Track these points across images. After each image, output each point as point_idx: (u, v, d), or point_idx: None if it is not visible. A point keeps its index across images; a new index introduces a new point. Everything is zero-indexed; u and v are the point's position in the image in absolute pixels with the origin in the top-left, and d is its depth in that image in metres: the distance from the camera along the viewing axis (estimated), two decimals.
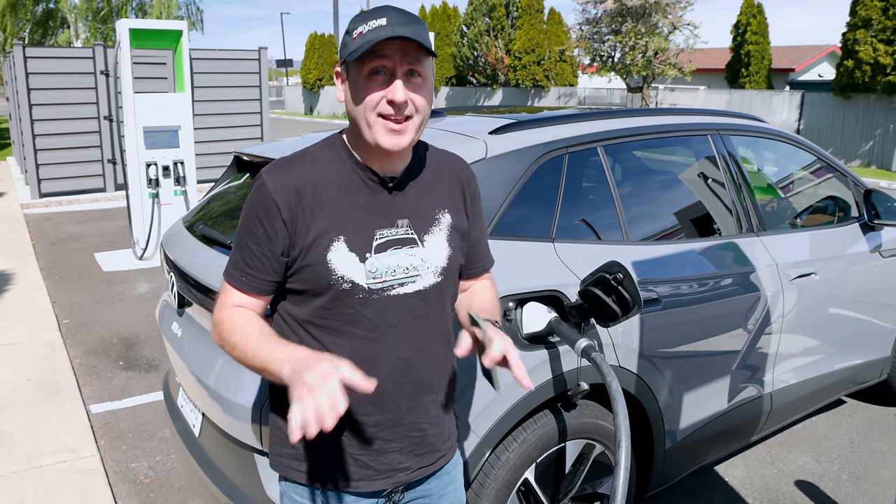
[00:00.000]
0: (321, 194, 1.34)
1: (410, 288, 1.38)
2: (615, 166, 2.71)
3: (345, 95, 1.36)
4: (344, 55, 1.32)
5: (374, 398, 1.38)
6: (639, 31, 19.92)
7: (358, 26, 1.31)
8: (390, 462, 1.44)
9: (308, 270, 1.33)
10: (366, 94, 1.30)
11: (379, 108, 1.30)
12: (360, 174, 1.37)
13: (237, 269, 1.38)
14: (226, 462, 2.14)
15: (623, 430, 1.74)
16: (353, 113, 1.34)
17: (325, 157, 1.38)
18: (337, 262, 1.33)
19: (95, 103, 10.69)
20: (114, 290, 6.16)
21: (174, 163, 6.96)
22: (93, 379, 4.29)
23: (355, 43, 1.29)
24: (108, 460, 3.36)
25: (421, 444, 1.48)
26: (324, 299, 1.35)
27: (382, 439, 1.42)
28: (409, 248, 1.38)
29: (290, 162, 1.37)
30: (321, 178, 1.35)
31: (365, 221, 1.35)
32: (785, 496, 3.10)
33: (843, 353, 3.38)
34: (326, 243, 1.33)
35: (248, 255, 1.35)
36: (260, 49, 11.81)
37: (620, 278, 1.96)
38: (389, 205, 1.38)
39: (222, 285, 1.41)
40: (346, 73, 1.35)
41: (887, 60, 15.91)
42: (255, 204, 1.34)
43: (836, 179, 3.56)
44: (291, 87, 44.88)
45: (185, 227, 2.64)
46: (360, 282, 1.34)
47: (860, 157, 17.54)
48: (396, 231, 1.37)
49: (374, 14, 1.30)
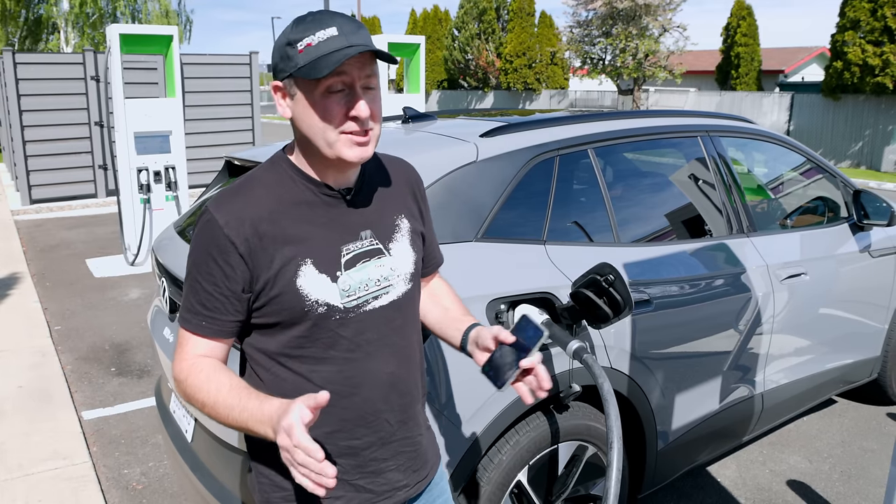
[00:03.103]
0: (278, 219, 1.25)
1: (385, 300, 1.34)
2: (606, 168, 2.72)
3: (292, 112, 1.26)
4: (288, 69, 1.21)
5: (363, 419, 1.34)
6: (629, 34, 20.00)
7: (302, 37, 1.20)
8: (388, 482, 1.40)
9: (277, 301, 1.25)
10: (325, 112, 1.22)
11: (343, 126, 1.23)
12: (313, 191, 1.30)
13: (194, 313, 1.27)
14: (218, 467, 2.14)
15: (615, 432, 1.75)
16: (306, 131, 1.25)
17: (273, 180, 1.30)
18: (308, 287, 1.26)
19: (86, 109, 10.65)
20: (105, 296, 6.13)
21: (165, 168, 6.94)
22: (84, 385, 4.27)
23: (304, 56, 1.19)
24: (100, 467, 3.34)
25: (416, 459, 1.45)
26: (300, 328, 1.28)
27: (377, 459, 1.38)
28: (377, 259, 1.33)
29: (237, 191, 1.28)
30: (275, 203, 1.27)
31: (329, 239, 1.29)
32: (777, 496, 3.12)
33: (834, 352, 3.40)
34: (294, 269, 1.25)
35: (206, 298, 1.26)
36: (251, 53, 11.80)
37: (611, 280, 1.96)
38: (349, 217, 1.32)
39: (179, 333, 1.30)
40: (291, 87, 1.24)
41: (876, 62, 16.04)
42: (205, 242, 1.24)
43: (825, 180, 3.59)
44: None
45: (177, 233, 2.64)
46: (335, 302, 1.28)
47: (850, 157, 17.66)
48: (362, 243, 1.32)
49: (319, 23, 1.21)
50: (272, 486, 1.36)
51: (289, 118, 1.28)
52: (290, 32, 1.23)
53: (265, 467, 1.36)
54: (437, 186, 2.13)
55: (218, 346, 1.31)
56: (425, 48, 9.87)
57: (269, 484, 1.36)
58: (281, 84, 1.25)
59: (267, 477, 1.36)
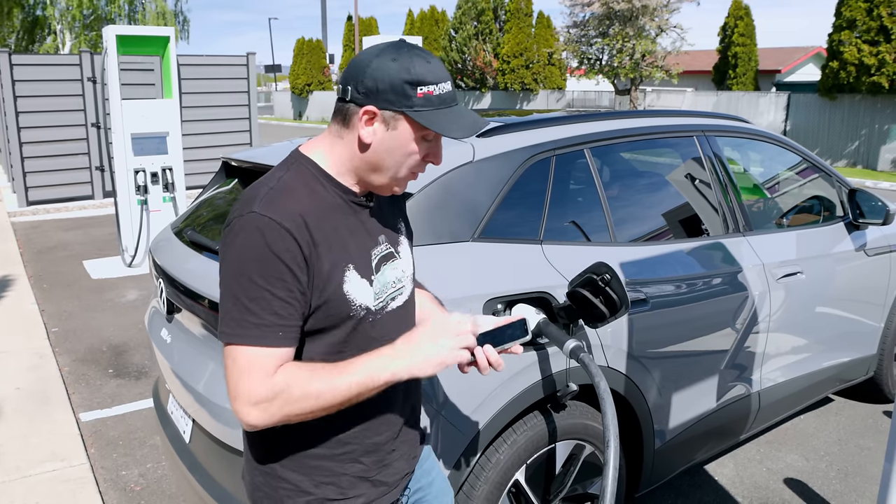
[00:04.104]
0: (322, 224, 1.25)
1: (400, 300, 1.40)
2: (602, 168, 2.73)
3: (375, 140, 1.25)
4: (400, 104, 1.22)
5: (386, 416, 1.39)
6: (626, 34, 20.02)
7: (423, 80, 1.23)
8: (398, 471, 1.45)
9: (325, 308, 1.25)
10: (412, 153, 1.27)
11: (417, 168, 1.30)
12: (342, 197, 1.31)
13: (266, 326, 1.19)
14: (216, 468, 2.14)
15: (612, 430, 1.76)
16: (381, 159, 1.27)
17: (304, 183, 1.28)
18: (354, 293, 1.27)
19: (83, 110, 10.64)
20: (103, 297, 6.13)
21: (162, 169, 6.94)
22: (82, 387, 4.27)
23: (423, 101, 1.23)
24: (98, 468, 3.34)
25: (414, 445, 1.51)
26: (339, 333, 1.28)
27: (390, 451, 1.43)
28: (392, 262, 1.38)
29: (280, 194, 1.24)
30: (315, 206, 1.26)
31: (362, 244, 1.32)
32: (774, 494, 3.13)
33: (830, 351, 3.42)
34: (340, 275, 1.26)
35: (279, 306, 1.18)
36: (248, 54, 11.80)
37: (608, 279, 1.97)
38: (370, 223, 1.36)
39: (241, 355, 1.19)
40: (394, 120, 1.24)
41: (872, 61, 16.08)
42: (267, 244, 1.17)
43: (821, 179, 3.60)
44: (280, 92, 44.79)
45: (174, 234, 2.64)
46: (371, 305, 1.31)
47: (846, 157, 17.69)
48: (381, 248, 1.36)
49: (436, 72, 1.25)
50: (296, 491, 1.34)
51: (368, 143, 1.26)
52: (405, 68, 1.22)
53: (291, 472, 1.34)
54: (433, 186, 2.13)
55: (290, 356, 1.24)
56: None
57: (293, 490, 1.35)
58: (378, 112, 1.24)
59: (289, 482, 1.34)
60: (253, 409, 1.19)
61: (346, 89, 1.26)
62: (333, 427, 1.32)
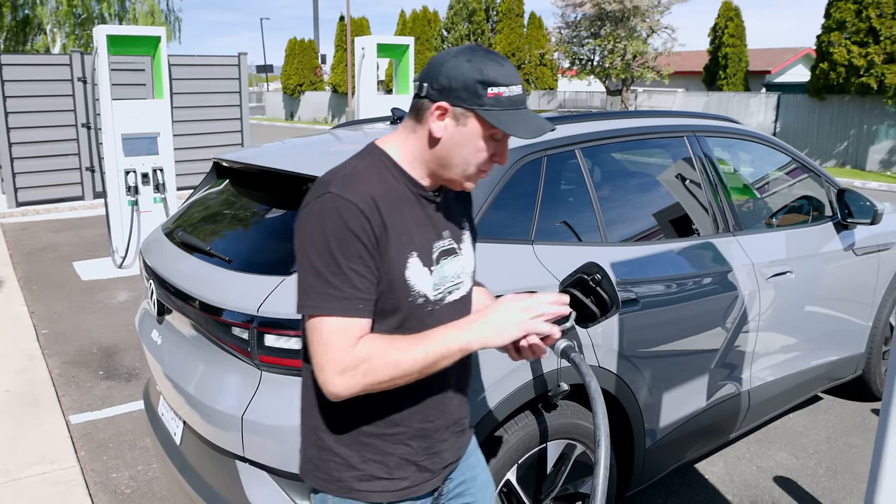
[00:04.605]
0: (390, 210, 1.32)
1: (457, 295, 1.46)
2: (593, 168, 2.74)
3: (445, 135, 1.33)
4: (470, 102, 1.29)
5: (437, 403, 1.45)
6: (617, 35, 20.09)
7: (495, 81, 1.29)
8: (443, 461, 1.51)
9: (389, 289, 1.32)
10: (480, 151, 1.33)
11: (484, 165, 1.36)
12: (411, 189, 1.38)
13: (347, 299, 1.26)
14: (207, 470, 2.14)
15: (602, 430, 1.76)
16: (451, 155, 1.34)
17: (377, 172, 1.35)
18: (414, 279, 1.34)
19: (73, 110, 10.58)
20: (93, 299, 6.10)
21: (153, 170, 6.91)
22: (72, 389, 4.24)
23: (493, 101, 1.29)
24: (88, 471, 3.33)
25: (461, 436, 1.57)
26: (396, 318, 1.34)
27: (440, 440, 1.48)
28: (453, 258, 1.45)
29: (354, 178, 1.31)
30: (386, 194, 1.32)
31: (425, 235, 1.38)
32: (764, 492, 3.14)
33: (819, 350, 3.44)
34: (403, 261, 1.33)
35: (358, 280, 1.26)
36: (240, 54, 11.76)
37: (598, 279, 1.97)
38: (435, 218, 1.42)
39: (323, 326, 1.27)
40: (464, 117, 1.31)
41: (861, 62, 16.20)
42: (343, 223, 1.25)
43: (810, 179, 3.62)
44: (272, 92, 44.65)
45: (165, 235, 2.63)
46: (430, 295, 1.38)
47: (835, 157, 17.81)
48: (444, 242, 1.43)
49: (508, 74, 1.31)
50: (345, 465, 1.41)
51: (438, 137, 1.33)
52: (479, 68, 1.29)
53: (341, 447, 1.41)
54: None
55: (369, 328, 1.31)
56: (414, 49, 9.87)
57: (342, 464, 1.41)
58: (450, 108, 1.31)
59: (340, 456, 1.41)
60: (339, 378, 1.26)
61: (423, 86, 1.33)
62: (387, 408, 1.39)
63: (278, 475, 1.94)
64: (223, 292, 2.04)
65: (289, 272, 1.96)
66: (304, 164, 2.30)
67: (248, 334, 1.93)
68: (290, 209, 2.29)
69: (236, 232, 2.38)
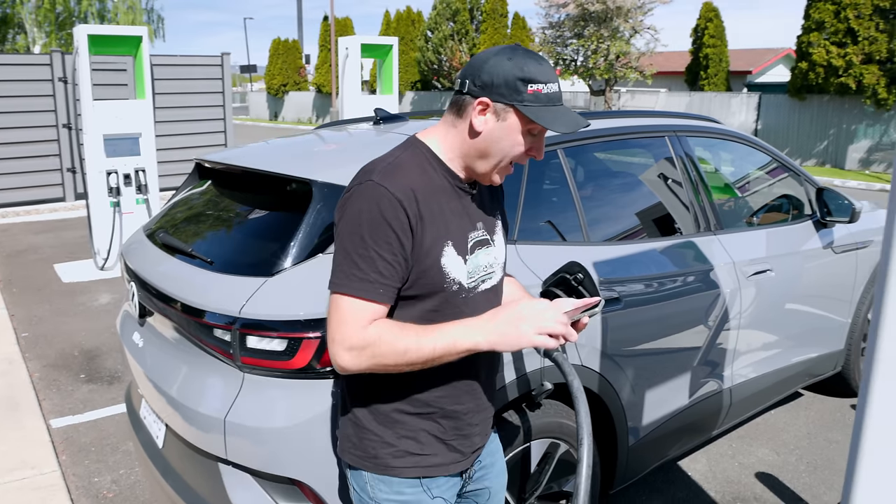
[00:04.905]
0: (429, 200, 1.38)
1: (489, 283, 1.53)
2: (576, 168, 2.75)
3: (486, 128, 1.39)
4: (510, 98, 1.36)
5: (469, 387, 1.53)
6: (601, 35, 20.19)
7: (534, 79, 1.36)
8: (472, 444, 1.58)
9: (424, 276, 1.39)
10: (518, 144, 1.40)
11: (519, 158, 1.43)
12: (450, 182, 1.45)
13: (369, 282, 1.33)
14: (190, 473, 2.12)
15: (585, 428, 1.77)
16: (490, 147, 1.40)
17: (417, 164, 1.42)
18: (449, 266, 1.41)
19: (54, 111, 10.46)
20: (74, 301, 6.04)
21: (135, 171, 6.84)
22: (53, 393, 4.20)
23: (532, 97, 1.36)
24: (69, 475, 3.29)
25: (489, 421, 1.64)
26: (432, 302, 1.42)
27: (471, 424, 1.55)
28: (486, 248, 1.51)
29: (396, 168, 1.38)
30: (425, 184, 1.40)
31: (461, 225, 1.45)
32: (746, 488, 3.18)
33: (799, 346, 3.48)
34: (440, 248, 1.39)
35: (384, 266, 1.33)
36: (223, 54, 11.69)
37: (580, 278, 1.99)
38: (471, 209, 1.49)
39: (344, 303, 1.34)
40: (504, 112, 1.38)
41: (840, 62, 16.39)
42: (379, 210, 1.32)
43: (790, 178, 3.66)
44: (255, 92, 44.38)
45: (146, 236, 2.61)
46: (464, 282, 1.45)
47: (815, 156, 18.01)
48: (478, 233, 1.49)
49: (547, 73, 1.38)
50: (382, 443, 1.49)
51: (479, 131, 1.40)
52: (519, 66, 1.36)
53: (377, 425, 1.49)
54: None
55: (384, 313, 1.38)
56: (398, 49, 9.86)
57: (378, 441, 1.49)
58: (491, 104, 1.38)
59: (376, 434, 1.49)
60: (346, 353, 1.34)
61: (464, 83, 1.41)
62: (419, 389, 1.47)
63: (261, 477, 1.94)
64: (205, 294, 2.03)
65: (271, 273, 1.96)
66: (286, 165, 2.30)
67: (231, 336, 1.92)
68: (272, 210, 2.28)
69: (218, 233, 2.36)
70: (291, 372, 1.88)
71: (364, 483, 1.52)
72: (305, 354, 1.86)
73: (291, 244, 1.98)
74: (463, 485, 1.62)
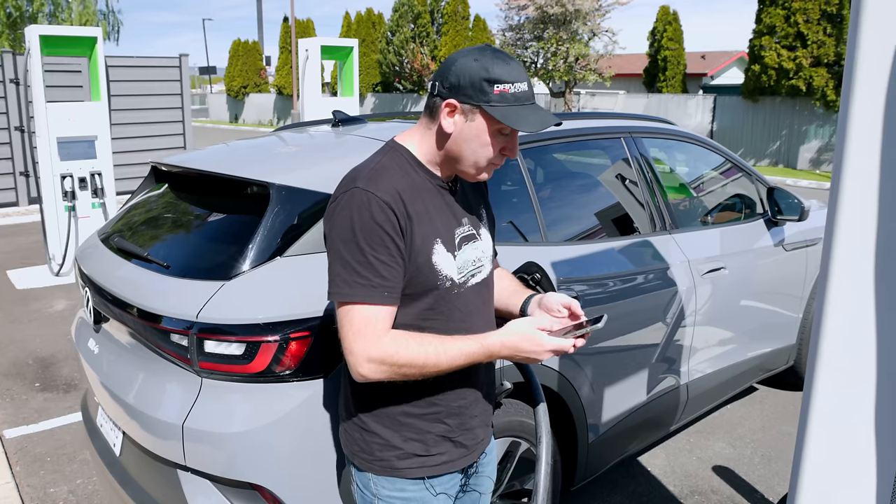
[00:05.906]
0: (414, 201, 1.41)
1: (479, 277, 1.56)
2: (535, 169, 2.79)
3: (455, 130, 1.41)
4: (477, 99, 1.37)
5: (468, 380, 1.55)
6: (560, 38, 20.41)
7: (500, 79, 1.37)
8: (476, 437, 1.61)
9: (418, 274, 1.41)
10: (488, 146, 1.42)
11: (494, 159, 1.44)
12: (430, 181, 1.47)
13: (373, 287, 1.35)
14: (148, 480, 2.10)
15: (543, 427, 1.80)
16: (461, 149, 1.42)
17: (399, 166, 1.44)
18: (440, 264, 1.44)
19: (5, 113, 10.16)
20: (28, 308, 5.88)
21: (91, 174, 6.70)
22: (6, 402, 4.08)
23: (498, 98, 1.37)
24: (24, 487, 3.21)
25: (488, 414, 1.67)
26: (427, 300, 1.45)
27: (472, 416, 1.59)
28: (473, 243, 1.54)
29: (379, 172, 1.40)
30: (408, 186, 1.42)
31: (447, 223, 1.48)
32: (703, 481, 3.26)
33: (754, 342, 3.58)
34: (430, 247, 1.42)
35: (384, 269, 1.36)
36: (181, 56, 11.49)
37: (538, 278, 2.02)
38: (454, 206, 1.52)
39: (356, 314, 1.36)
40: (472, 114, 1.39)
41: (790, 65, 16.85)
42: (370, 215, 1.34)
43: (742, 178, 3.77)
44: (215, 94, 43.69)
45: (101, 240, 2.57)
46: (455, 278, 1.48)
47: (768, 156, 18.49)
48: (464, 229, 1.52)
49: (515, 73, 1.38)
50: (386, 446, 1.51)
51: (449, 132, 1.42)
52: (485, 67, 1.37)
53: (383, 428, 1.51)
54: None
55: (393, 315, 1.41)
56: (359, 51, 9.81)
57: (383, 444, 1.52)
58: (458, 105, 1.39)
59: (382, 437, 1.51)
60: (366, 364, 1.37)
61: (434, 85, 1.43)
62: (425, 390, 1.50)
63: (221, 483, 1.92)
64: (161, 299, 2.01)
65: (228, 277, 1.94)
66: (244, 168, 2.28)
67: (188, 341, 1.90)
68: (230, 213, 2.27)
69: (175, 237, 2.34)
70: (250, 376, 1.87)
71: (367, 480, 1.55)
72: (264, 358, 1.85)
73: (249, 247, 1.97)
74: (465, 480, 1.66)
